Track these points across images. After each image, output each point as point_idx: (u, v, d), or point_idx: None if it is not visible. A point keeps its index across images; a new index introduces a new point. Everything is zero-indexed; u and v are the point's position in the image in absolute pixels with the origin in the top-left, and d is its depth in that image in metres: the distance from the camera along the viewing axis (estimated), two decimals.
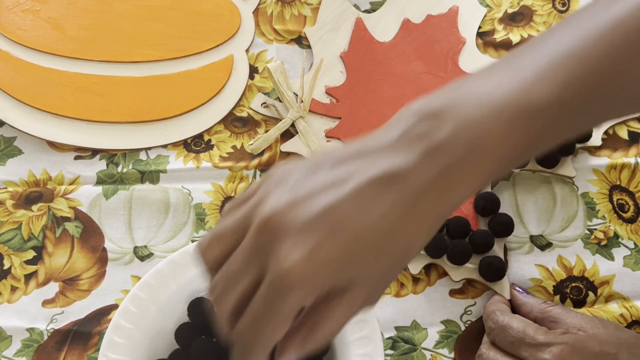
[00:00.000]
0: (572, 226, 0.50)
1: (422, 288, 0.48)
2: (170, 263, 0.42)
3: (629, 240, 0.49)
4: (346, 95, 0.56)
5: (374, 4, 0.61)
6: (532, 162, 0.51)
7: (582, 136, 0.51)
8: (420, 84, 0.56)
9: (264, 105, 0.55)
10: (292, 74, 0.57)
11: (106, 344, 0.40)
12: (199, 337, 0.42)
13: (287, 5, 0.61)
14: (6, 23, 0.59)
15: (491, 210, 0.49)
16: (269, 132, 0.53)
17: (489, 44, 0.58)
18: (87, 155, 0.54)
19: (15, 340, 0.47)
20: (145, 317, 0.41)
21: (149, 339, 0.41)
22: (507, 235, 0.48)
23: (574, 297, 0.47)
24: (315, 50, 0.58)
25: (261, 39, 0.59)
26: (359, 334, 0.39)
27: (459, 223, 0.48)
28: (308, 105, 0.54)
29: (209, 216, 0.51)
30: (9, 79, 0.56)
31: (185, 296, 0.43)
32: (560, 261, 0.49)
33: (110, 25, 0.59)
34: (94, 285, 0.49)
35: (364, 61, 0.57)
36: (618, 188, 0.51)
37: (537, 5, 0.59)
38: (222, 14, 0.60)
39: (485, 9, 0.59)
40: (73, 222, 0.51)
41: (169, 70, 0.57)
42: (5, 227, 0.51)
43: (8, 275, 0.49)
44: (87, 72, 0.57)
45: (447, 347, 0.46)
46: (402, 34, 0.58)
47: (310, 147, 0.53)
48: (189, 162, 0.53)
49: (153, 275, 0.42)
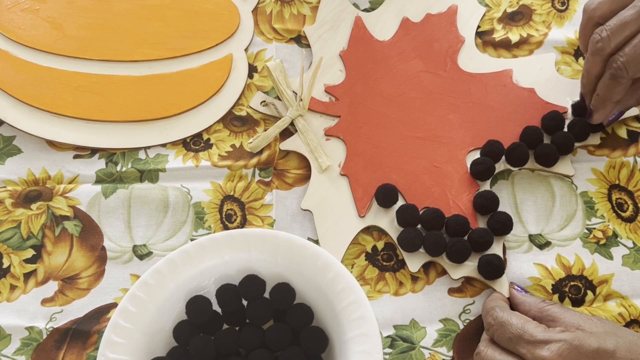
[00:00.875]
0: (571, 225, 0.50)
1: (420, 287, 0.48)
2: (169, 262, 0.42)
3: (628, 239, 0.49)
4: (345, 93, 0.56)
5: (373, 2, 0.61)
6: (531, 161, 0.51)
7: (581, 135, 0.51)
8: (420, 82, 0.56)
9: (263, 103, 0.55)
10: (291, 73, 0.57)
11: (105, 344, 0.40)
12: (198, 335, 0.42)
13: (286, 4, 0.61)
14: (5, 22, 0.59)
15: (490, 208, 0.49)
16: (268, 131, 0.53)
17: (488, 43, 0.58)
18: (86, 154, 0.54)
19: (15, 339, 0.47)
20: (144, 317, 0.41)
21: (148, 338, 0.41)
22: (506, 233, 0.48)
23: (573, 296, 0.47)
24: (315, 48, 0.58)
25: (260, 38, 0.59)
26: (358, 331, 0.39)
27: (458, 221, 0.48)
28: (307, 103, 0.54)
29: (208, 215, 0.51)
30: (8, 78, 0.56)
31: (183, 295, 0.43)
32: (559, 260, 0.49)
33: (110, 24, 0.59)
34: (93, 284, 0.49)
35: (363, 60, 0.57)
36: (617, 187, 0.51)
37: (536, 4, 0.59)
38: (221, 13, 0.60)
39: (484, 8, 0.59)
40: (72, 221, 0.51)
41: (168, 69, 0.57)
42: (5, 225, 0.51)
43: (7, 274, 0.49)
44: (87, 71, 0.57)
45: (445, 346, 0.46)
46: (402, 32, 0.58)
47: (310, 146, 0.53)
48: (188, 161, 0.53)
49: (151, 275, 0.42)
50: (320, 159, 0.52)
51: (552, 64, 0.56)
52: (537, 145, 0.51)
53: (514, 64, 0.56)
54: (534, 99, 0.54)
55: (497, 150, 0.51)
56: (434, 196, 0.50)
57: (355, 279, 0.41)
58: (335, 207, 0.50)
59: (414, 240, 0.47)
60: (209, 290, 0.44)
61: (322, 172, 0.52)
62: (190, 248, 0.43)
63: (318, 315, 0.43)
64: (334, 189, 0.51)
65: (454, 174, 0.51)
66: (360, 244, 0.50)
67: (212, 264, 0.43)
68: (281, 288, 0.43)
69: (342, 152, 0.53)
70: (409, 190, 0.51)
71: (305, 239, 0.50)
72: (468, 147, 0.52)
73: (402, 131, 0.53)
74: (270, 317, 0.43)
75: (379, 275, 0.49)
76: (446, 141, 0.53)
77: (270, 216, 0.51)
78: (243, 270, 0.43)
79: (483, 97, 0.54)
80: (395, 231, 0.49)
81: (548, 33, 0.58)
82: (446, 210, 0.49)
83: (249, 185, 0.52)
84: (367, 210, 0.50)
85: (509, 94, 0.54)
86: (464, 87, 0.55)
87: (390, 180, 0.51)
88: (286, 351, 0.41)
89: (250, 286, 0.43)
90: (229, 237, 0.43)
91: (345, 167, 0.52)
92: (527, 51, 0.57)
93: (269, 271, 0.43)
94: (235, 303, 0.43)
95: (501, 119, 0.53)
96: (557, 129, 0.52)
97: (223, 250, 0.43)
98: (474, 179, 0.51)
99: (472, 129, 0.53)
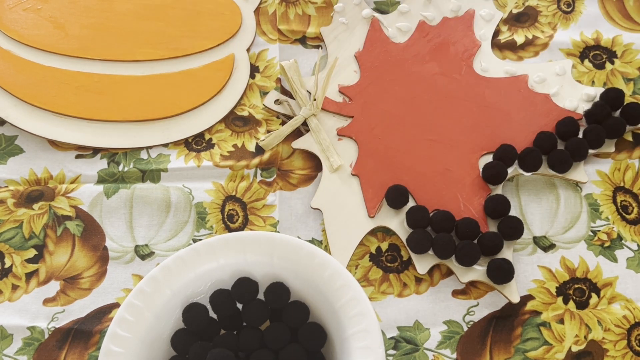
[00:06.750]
0: (575, 227, 0.50)
1: (425, 288, 0.48)
2: (164, 269, 0.42)
3: (633, 241, 0.49)
4: (359, 94, 0.56)
5: (378, 3, 0.61)
6: (544, 167, 0.51)
7: (596, 142, 0.51)
8: (434, 85, 0.55)
9: (277, 102, 0.55)
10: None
11: (104, 354, 0.39)
12: (196, 342, 0.42)
13: (291, 4, 0.61)
14: (7, 22, 0.58)
15: (501, 212, 0.48)
16: (281, 129, 0.53)
17: (493, 45, 0.58)
18: (88, 154, 0.54)
19: (17, 339, 0.47)
20: (142, 325, 0.41)
21: (146, 347, 0.41)
22: (517, 238, 0.48)
23: (577, 299, 0.47)
24: (330, 49, 0.58)
25: (262, 38, 0.59)
26: (358, 327, 0.39)
27: (469, 224, 0.48)
28: (321, 103, 0.54)
29: (210, 215, 0.51)
30: (10, 78, 0.56)
31: (180, 301, 0.42)
32: (564, 262, 0.48)
33: (112, 24, 0.59)
34: (95, 284, 0.49)
35: (378, 61, 0.57)
36: (622, 189, 0.51)
37: (542, 6, 0.59)
38: (223, 13, 0.60)
39: (501, 13, 0.59)
40: (74, 221, 0.51)
41: (170, 69, 0.57)
42: (7, 225, 0.51)
43: (9, 273, 0.49)
44: (88, 70, 0.57)
45: (449, 348, 0.46)
46: (418, 35, 0.58)
47: (322, 145, 0.53)
48: (190, 161, 0.53)
49: (147, 282, 0.41)
50: (331, 158, 0.52)
51: (568, 70, 0.55)
52: (551, 151, 0.51)
53: (530, 69, 0.56)
54: (548, 104, 0.54)
55: (510, 154, 0.50)
56: (445, 198, 0.50)
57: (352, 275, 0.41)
58: (345, 207, 0.50)
59: (424, 242, 0.47)
60: (206, 296, 0.44)
61: (334, 171, 0.52)
62: (185, 254, 0.42)
63: (317, 314, 0.43)
64: (344, 189, 0.51)
65: (466, 177, 0.51)
66: (365, 244, 0.50)
67: (208, 268, 0.43)
68: (275, 287, 0.42)
69: (354, 152, 0.53)
70: (419, 192, 0.51)
71: (310, 240, 0.50)
72: (481, 150, 0.52)
73: (415, 133, 0.53)
74: (266, 317, 0.43)
75: (383, 276, 0.48)
76: (459, 144, 0.53)
77: (273, 217, 0.51)
78: (237, 274, 0.43)
79: (497, 102, 0.54)
80: (405, 232, 0.49)
81: (554, 35, 0.58)
82: (457, 213, 0.49)
83: (251, 185, 0.52)
84: (377, 210, 0.50)
85: (523, 99, 0.54)
86: (479, 91, 0.55)
87: (401, 182, 0.51)
88: (286, 349, 0.41)
89: (243, 289, 0.43)
90: (223, 242, 0.43)
91: (356, 167, 0.52)
92: (533, 53, 0.57)
93: (265, 273, 0.43)
94: (230, 307, 0.43)
95: (515, 124, 0.53)
96: (572, 135, 0.51)
97: (218, 254, 0.43)
98: (486, 183, 0.51)
99: (485, 133, 0.53)
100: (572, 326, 0.46)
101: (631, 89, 0.55)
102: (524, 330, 0.46)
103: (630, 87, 0.55)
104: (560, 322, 0.46)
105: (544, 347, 0.45)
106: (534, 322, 0.46)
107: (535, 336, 0.46)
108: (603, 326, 0.46)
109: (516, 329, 0.46)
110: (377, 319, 0.40)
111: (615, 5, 0.60)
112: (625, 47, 0.57)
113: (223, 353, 0.40)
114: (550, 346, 0.45)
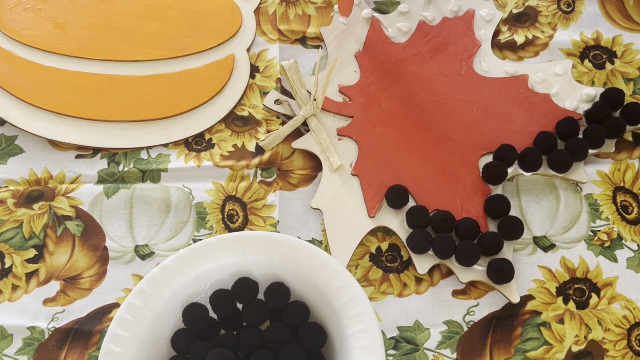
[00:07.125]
0: (575, 227, 0.50)
1: (425, 288, 0.48)
2: (164, 269, 0.42)
3: (633, 241, 0.49)
4: (359, 94, 0.56)
5: (378, 3, 0.61)
6: (544, 166, 0.51)
7: (596, 142, 0.51)
8: (434, 85, 0.55)
9: (277, 102, 0.55)
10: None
11: (104, 354, 0.39)
12: (196, 342, 0.42)
13: (291, 4, 0.61)
14: (7, 22, 0.58)
15: (501, 212, 0.48)
16: (281, 129, 0.53)
17: (493, 45, 0.58)
18: (88, 154, 0.54)
19: (17, 339, 0.47)
20: (142, 325, 0.41)
21: (146, 347, 0.41)
22: (517, 238, 0.48)
23: (577, 299, 0.47)
24: (330, 49, 0.58)
25: (262, 38, 0.59)
26: (358, 327, 0.39)
27: (469, 224, 0.48)
28: (321, 103, 0.54)
29: (210, 215, 0.51)
30: (10, 78, 0.56)
31: (180, 301, 0.42)
32: (564, 262, 0.48)
33: (112, 24, 0.59)
34: (95, 284, 0.49)
35: (378, 61, 0.57)
36: (622, 189, 0.51)
37: (542, 6, 0.59)
38: (223, 13, 0.60)
39: (501, 13, 0.59)
40: (74, 221, 0.51)
41: (170, 69, 0.57)
42: (7, 225, 0.51)
43: (9, 273, 0.49)
44: (88, 70, 0.57)
45: (449, 348, 0.46)
46: (418, 35, 0.58)
47: (322, 145, 0.53)
48: (190, 161, 0.53)
49: (147, 282, 0.41)
50: (331, 158, 0.52)
51: (568, 70, 0.55)
52: (551, 151, 0.51)
53: (530, 69, 0.56)
54: (548, 104, 0.54)
55: (510, 154, 0.50)
56: (445, 198, 0.50)
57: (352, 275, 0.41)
58: (345, 207, 0.50)
59: (424, 242, 0.47)
60: (206, 296, 0.44)
61: (334, 171, 0.52)
62: (185, 254, 0.42)
63: (317, 314, 0.43)
64: (344, 189, 0.51)
65: (466, 176, 0.51)
66: (365, 244, 0.50)
67: (208, 268, 0.43)
68: (275, 287, 0.42)
69: (354, 152, 0.53)
70: (419, 192, 0.51)
71: (310, 240, 0.50)
72: (481, 150, 0.52)
73: (415, 133, 0.53)
74: (266, 317, 0.43)
75: (383, 276, 0.48)
76: (459, 144, 0.53)
77: (273, 217, 0.51)
78: (237, 274, 0.43)
79: (497, 102, 0.54)
80: (405, 232, 0.49)
81: (554, 35, 0.58)
82: (457, 213, 0.49)
83: (251, 185, 0.52)
84: (377, 210, 0.50)
85: (523, 99, 0.54)
86: (479, 91, 0.55)
87: (401, 182, 0.51)
88: (286, 349, 0.41)
89: (243, 289, 0.43)
90: (223, 241, 0.43)
91: (356, 167, 0.52)
92: (533, 53, 0.57)
93: (265, 273, 0.43)
94: (230, 307, 0.43)
95: (515, 124, 0.53)
96: (572, 135, 0.51)
97: (218, 254, 0.43)
98: (486, 183, 0.51)
99: (485, 133, 0.53)
100: (572, 326, 0.46)
101: (631, 89, 0.55)
102: (524, 330, 0.46)
103: (630, 87, 0.55)
104: (560, 322, 0.46)
105: (544, 347, 0.45)
106: (534, 322, 0.46)
107: (535, 336, 0.46)
108: (603, 326, 0.46)
109: (516, 329, 0.46)
110: (377, 319, 0.40)
111: (615, 5, 0.60)
112: (625, 47, 0.57)
113: (223, 353, 0.40)
114: (550, 346, 0.45)
